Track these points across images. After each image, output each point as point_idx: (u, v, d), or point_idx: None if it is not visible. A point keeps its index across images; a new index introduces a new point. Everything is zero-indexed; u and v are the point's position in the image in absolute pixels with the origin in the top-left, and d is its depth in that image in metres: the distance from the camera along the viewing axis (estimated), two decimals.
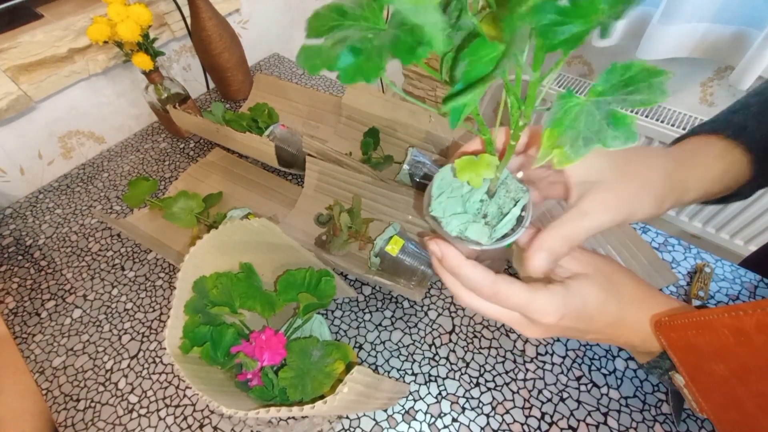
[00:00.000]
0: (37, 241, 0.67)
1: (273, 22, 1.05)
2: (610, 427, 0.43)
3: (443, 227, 0.27)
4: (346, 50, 0.15)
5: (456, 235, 0.26)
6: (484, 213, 0.27)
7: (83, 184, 0.75)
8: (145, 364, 0.52)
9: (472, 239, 0.26)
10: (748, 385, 0.24)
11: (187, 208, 0.60)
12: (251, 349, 0.39)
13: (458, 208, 0.27)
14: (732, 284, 0.51)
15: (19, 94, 0.67)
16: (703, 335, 0.24)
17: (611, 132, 0.16)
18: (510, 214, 0.26)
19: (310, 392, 0.38)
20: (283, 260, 0.47)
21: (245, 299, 0.42)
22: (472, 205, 0.27)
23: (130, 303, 0.58)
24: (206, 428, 0.46)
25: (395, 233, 0.53)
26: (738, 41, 0.89)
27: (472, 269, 0.28)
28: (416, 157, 0.60)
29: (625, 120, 0.16)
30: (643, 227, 0.58)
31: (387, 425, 0.45)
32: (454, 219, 0.27)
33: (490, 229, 0.26)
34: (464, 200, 0.27)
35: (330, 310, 0.54)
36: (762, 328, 0.21)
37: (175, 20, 0.81)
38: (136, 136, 0.83)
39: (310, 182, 0.64)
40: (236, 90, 0.86)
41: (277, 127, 0.67)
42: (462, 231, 0.27)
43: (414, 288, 0.50)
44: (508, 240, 0.26)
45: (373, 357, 0.50)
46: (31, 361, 0.54)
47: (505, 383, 0.46)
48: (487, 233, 0.26)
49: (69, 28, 0.69)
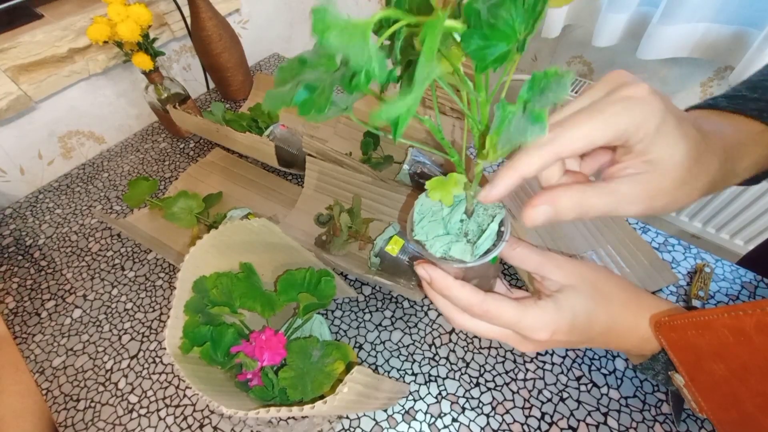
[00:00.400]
0: (37, 241, 0.67)
1: (273, 22, 1.05)
2: (610, 427, 0.43)
3: (428, 249, 0.28)
4: (302, 88, 0.18)
5: (441, 256, 0.28)
6: (465, 231, 0.29)
7: (83, 184, 0.75)
8: (145, 364, 0.52)
9: (456, 258, 0.27)
10: (748, 385, 0.24)
11: (187, 208, 0.60)
12: (251, 349, 0.39)
13: (440, 230, 0.29)
14: (732, 284, 0.51)
15: (19, 94, 0.67)
16: (703, 335, 0.24)
17: (531, 127, 0.19)
18: (489, 229, 0.27)
19: (310, 392, 0.38)
20: (283, 260, 0.47)
21: (245, 299, 0.42)
22: (453, 225, 0.29)
23: (130, 303, 0.58)
24: (206, 428, 0.46)
25: (395, 233, 0.53)
26: (738, 41, 0.89)
27: (460, 289, 0.28)
28: (416, 157, 0.60)
29: (541, 115, 0.19)
30: (643, 227, 0.58)
31: (387, 425, 0.45)
32: (437, 241, 0.28)
33: (472, 246, 0.27)
34: (445, 222, 0.29)
35: (330, 310, 0.54)
36: (762, 328, 0.21)
37: (175, 20, 0.81)
38: (136, 136, 0.83)
39: (310, 182, 0.64)
40: (236, 90, 0.86)
41: (277, 127, 0.67)
42: (446, 251, 0.28)
43: (414, 288, 0.50)
44: (491, 254, 0.27)
45: (373, 357, 0.50)
46: (31, 361, 0.54)
47: (505, 383, 0.46)
48: (469, 250, 0.27)
49: (69, 28, 0.69)
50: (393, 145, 0.68)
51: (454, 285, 0.28)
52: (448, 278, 0.28)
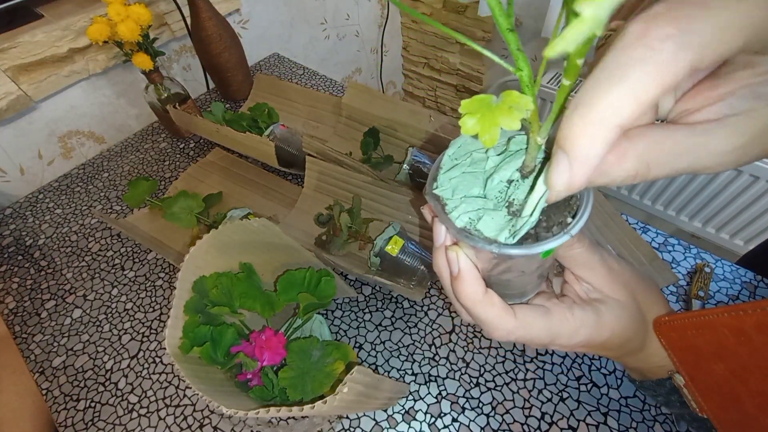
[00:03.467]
0: (37, 241, 0.67)
1: (273, 22, 1.05)
2: (610, 427, 0.43)
3: (447, 213, 0.19)
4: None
5: (462, 227, 0.19)
6: (511, 200, 0.19)
7: (83, 184, 0.75)
8: (145, 364, 0.52)
9: (483, 236, 0.18)
10: (749, 385, 0.24)
11: (187, 208, 0.60)
12: (251, 349, 0.39)
13: (475, 188, 0.19)
14: (732, 284, 0.51)
15: (19, 94, 0.67)
16: (703, 335, 0.24)
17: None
18: (541, 198, 0.17)
19: (310, 392, 0.38)
20: (283, 260, 0.47)
21: (245, 299, 0.42)
22: (495, 186, 0.19)
23: (130, 303, 0.58)
24: (206, 428, 0.46)
25: (395, 233, 0.53)
26: None
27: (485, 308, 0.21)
28: (416, 157, 0.60)
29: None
30: (643, 227, 0.58)
31: (387, 425, 0.45)
32: (465, 203, 0.19)
33: (513, 223, 0.18)
34: (485, 178, 0.19)
35: (330, 310, 0.54)
36: (762, 328, 0.21)
37: (175, 20, 0.81)
38: (136, 136, 0.83)
39: (310, 182, 0.64)
40: (236, 90, 0.86)
41: (277, 127, 0.67)
42: (472, 222, 0.19)
43: (414, 288, 0.50)
44: (546, 245, 0.18)
45: (373, 357, 0.50)
46: (31, 361, 0.54)
47: (505, 383, 0.46)
48: (508, 228, 0.18)
49: (69, 28, 0.69)
50: (393, 146, 0.68)
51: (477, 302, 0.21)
52: (473, 284, 0.21)
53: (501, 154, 0.20)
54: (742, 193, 1.03)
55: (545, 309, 0.24)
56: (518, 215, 0.18)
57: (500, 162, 0.19)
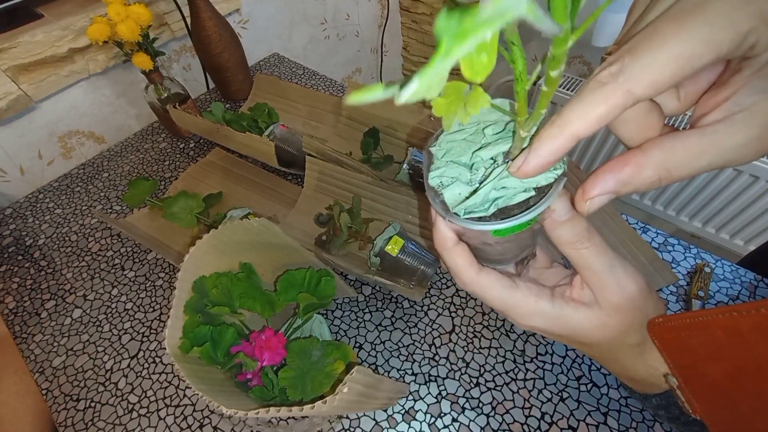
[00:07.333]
0: (37, 241, 0.67)
1: (273, 22, 1.05)
2: (610, 427, 0.43)
3: (430, 170, 0.21)
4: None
5: (432, 187, 0.20)
6: (487, 174, 0.20)
7: (83, 184, 0.75)
8: (145, 364, 0.52)
9: (442, 200, 0.20)
10: (743, 386, 0.24)
11: (187, 208, 0.60)
12: (251, 349, 0.39)
13: (464, 156, 0.20)
14: (732, 284, 0.51)
15: (19, 94, 0.67)
16: (697, 336, 0.24)
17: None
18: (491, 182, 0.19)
19: (310, 392, 0.38)
20: (283, 260, 0.47)
21: (245, 299, 0.42)
22: (480, 162, 0.20)
23: (130, 303, 0.58)
24: (206, 428, 0.46)
25: (395, 233, 0.53)
26: None
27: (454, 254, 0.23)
28: (416, 157, 0.61)
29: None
30: (643, 227, 0.58)
31: (387, 425, 0.45)
32: (447, 167, 0.20)
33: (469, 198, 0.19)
34: (475, 150, 0.20)
35: (330, 310, 0.54)
36: (757, 330, 0.21)
37: (175, 20, 0.81)
38: (136, 136, 0.83)
39: (310, 182, 0.64)
40: (236, 90, 0.86)
41: (277, 127, 0.67)
42: (442, 185, 0.20)
43: (414, 288, 0.50)
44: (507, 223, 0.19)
45: (373, 357, 0.50)
46: (31, 361, 0.54)
47: (505, 383, 0.46)
48: (464, 202, 0.19)
49: (69, 28, 0.69)
50: (393, 146, 0.68)
51: (446, 249, 0.23)
52: (446, 233, 0.23)
53: (499, 133, 0.21)
54: (742, 193, 1.03)
55: (511, 283, 0.25)
56: (475, 193, 0.20)
57: (496, 140, 0.20)
